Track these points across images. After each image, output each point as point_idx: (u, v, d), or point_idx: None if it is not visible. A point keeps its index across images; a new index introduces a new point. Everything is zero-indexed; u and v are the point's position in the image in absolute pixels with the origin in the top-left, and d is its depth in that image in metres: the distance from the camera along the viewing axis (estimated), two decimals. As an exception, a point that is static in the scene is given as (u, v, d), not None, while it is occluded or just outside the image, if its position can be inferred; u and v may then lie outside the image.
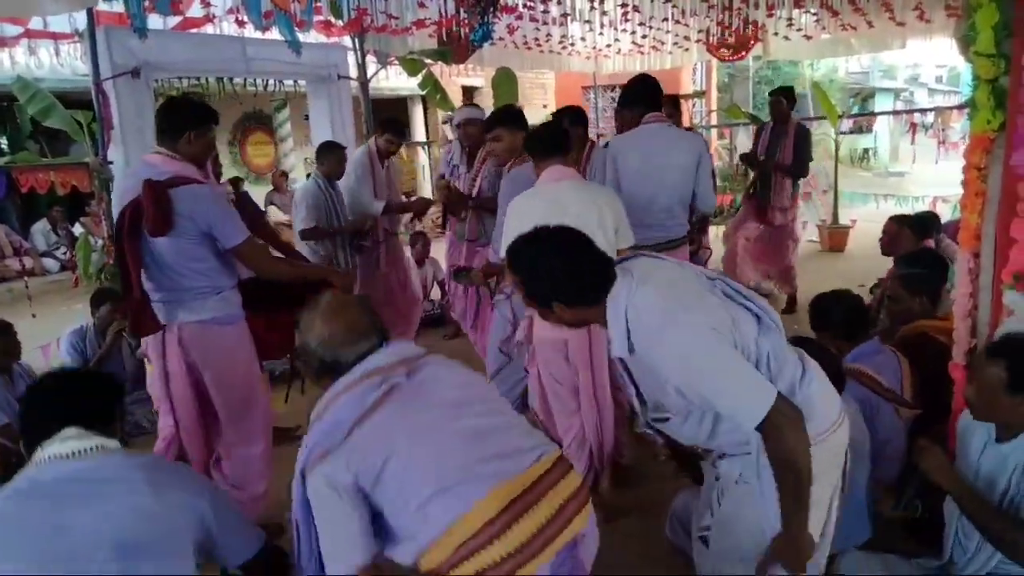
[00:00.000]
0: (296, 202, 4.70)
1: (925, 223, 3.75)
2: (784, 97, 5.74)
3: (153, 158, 2.61)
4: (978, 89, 2.28)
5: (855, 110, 19.12)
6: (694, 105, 12.30)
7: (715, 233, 6.77)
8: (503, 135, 3.38)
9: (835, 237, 8.50)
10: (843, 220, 8.78)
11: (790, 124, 5.72)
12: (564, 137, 2.88)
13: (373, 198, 4.85)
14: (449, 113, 5.10)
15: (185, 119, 2.64)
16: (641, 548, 2.68)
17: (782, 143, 5.67)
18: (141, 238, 2.52)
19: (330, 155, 4.69)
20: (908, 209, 7.79)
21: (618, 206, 2.76)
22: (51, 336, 4.65)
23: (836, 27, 7.86)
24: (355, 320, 1.60)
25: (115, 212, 2.75)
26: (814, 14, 7.11)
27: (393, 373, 1.50)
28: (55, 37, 5.36)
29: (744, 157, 6.23)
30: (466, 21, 4.49)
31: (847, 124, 10.22)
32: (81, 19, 4.41)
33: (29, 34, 5.20)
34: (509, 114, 3.51)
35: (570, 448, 2.90)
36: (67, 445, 1.51)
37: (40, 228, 8.86)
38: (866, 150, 16.86)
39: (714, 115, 13.87)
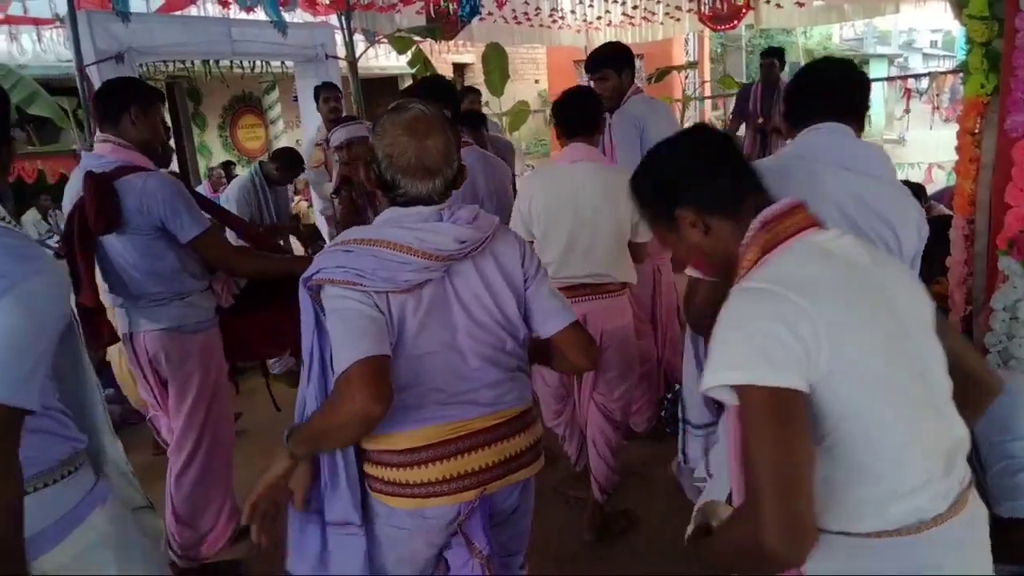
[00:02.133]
0: (227, 195, 4.53)
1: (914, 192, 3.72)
2: (777, 59, 5.69)
3: (100, 147, 2.34)
4: (971, 53, 2.25)
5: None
6: (687, 76, 12.17)
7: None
8: (610, 76, 3.17)
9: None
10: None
11: (780, 85, 5.65)
12: (595, 115, 2.63)
13: (322, 178, 4.64)
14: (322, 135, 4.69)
15: (125, 97, 2.34)
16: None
17: (775, 106, 5.59)
18: (92, 240, 2.29)
19: (283, 163, 4.50)
20: (902, 176, 7.74)
21: None
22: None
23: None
24: (431, 151, 1.39)
25: (65, 213, 2.43)
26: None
27: (434, 265, 1.37)
28: (36, 23, 5.27)
29: (741, 112, 5.99)
30: (453, -4, 4.44)
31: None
32: (62, 3, 4.34)
33: (9, 20, 5.11)
34: (617, 53, 3.27)
35: (559, 428, 2.85)
36: None
37: (31, 218, 8.79)
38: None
39: (707, 86, 13.75)
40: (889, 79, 12.23)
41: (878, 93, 16.60)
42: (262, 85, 10.90)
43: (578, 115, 2.59)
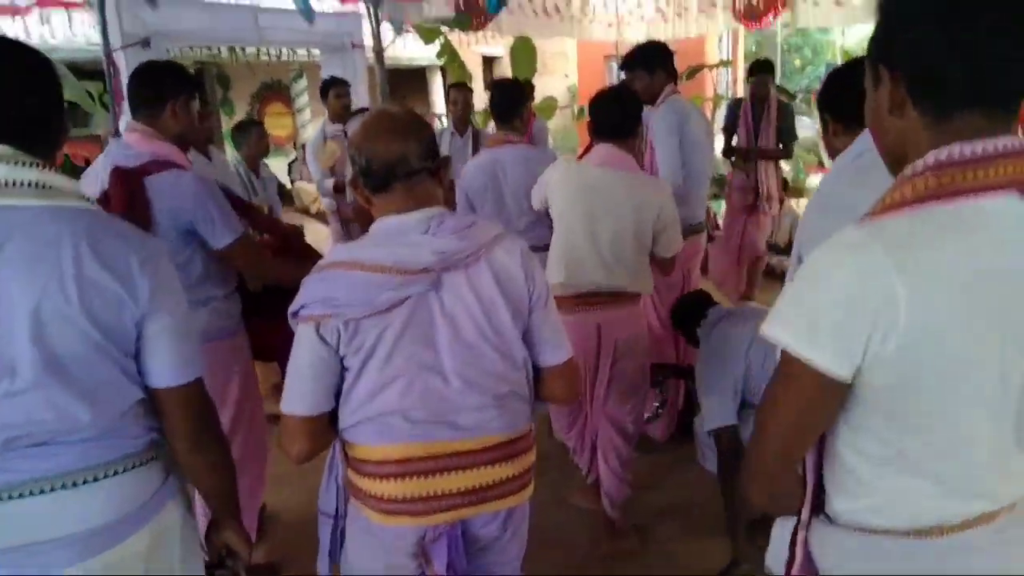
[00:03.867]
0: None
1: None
2: (770, 75, 5.38)
3: (130, 137, 2.14)
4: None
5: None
6: (719, 75, 11.98)
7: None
8: (642, 76, 3.15)
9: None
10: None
11: (770, 102, 5.20)
12: (632, 119, 2.51)
13: (324, 175, 4.58)
14: (338, 127, 4.67)
15: (169, 87, 2.14)
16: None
17: (765, 123, 5.17)
18: None
19: (248, 135, 4.10)
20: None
21: (668, 207, 2.45)
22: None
23: (868, -9, 7.58)
24: (397, 119, 1.39)
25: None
26: (845, -22, 6.83)
27: (414, 279, 1.32)
28: (67, 6, 5.30)
29: (730, 152, 5.43)
30: (481, -13, 4.36)
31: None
32: (90, -13, 4.36)
33: (41, 3, 5.14)
34: (650, 52, 3.24)
35: (571, 441, 2.75)
36: None
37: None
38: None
39: (739, 85, 13.54)
40: None
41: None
42: (290, 73, 10.93)
43: (613, 117, 2.50)
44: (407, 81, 12.81)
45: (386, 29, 6.41)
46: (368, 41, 6.08)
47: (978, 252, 0.83)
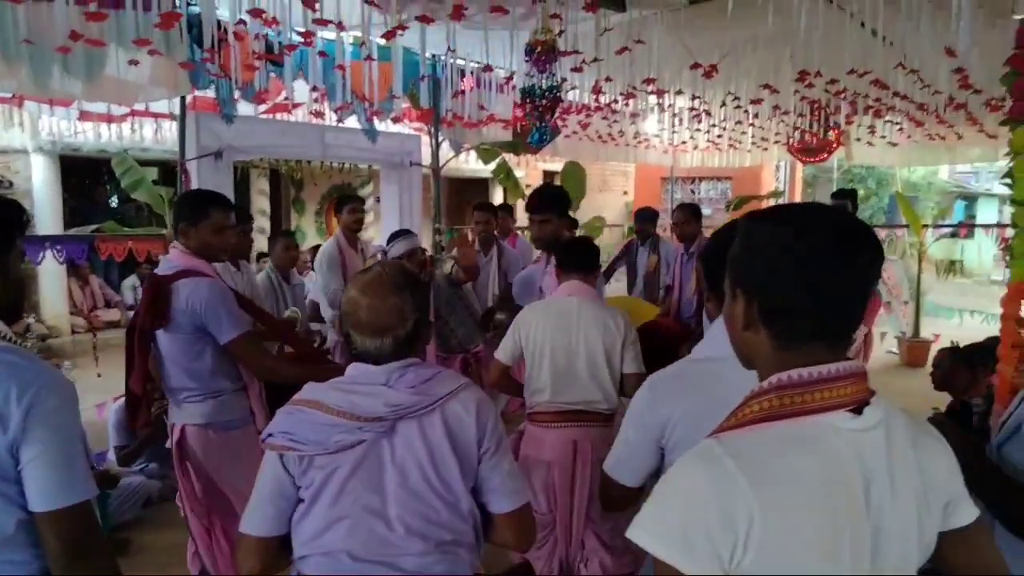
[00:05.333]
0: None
1: (982, 356, 3.47)
2: (850, 200, 5.43)
3: (171, 251, 2.62)
4: (1017, 237, 2.15)
5: (957, 215, 18.26)
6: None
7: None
8: (553, 220, 3.29)
9: (915, 351, 8.04)
10: (925, 334, 8.31)
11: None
12: (594, 259, 2.89)
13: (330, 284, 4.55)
14: (379, 246, 4.93)
15: (178, 215, 2.63)
16: None
17: None
18: (150, 333, 2.51)
19: (274, 243, 4.41)
20: (995, 326, 7.27)
21: (631, 333, 2.72)
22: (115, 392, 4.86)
23: (922, 135, 7.64)
24: (380, 311, 1.46)
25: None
26: (897, 123, 6.93)
27: (366, 426, 1.40)
28: (156, 116, 5.84)
29: None
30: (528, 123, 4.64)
31: (935, 231, 9.75)
32: (176, 103, 4.80)
33: (134, 113, 5.69)
34: (557, 196, 3.43)
35: (538, 561, 2.71)
36: None
37: (130, 283, 9.47)
38: (952, 262, 16.00)
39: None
40: (983, 226, 11.55)
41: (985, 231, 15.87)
42: (359, 179, 11.55)
43: (581, 253, 2.86)
44: (471, 188, 13.38)
45: (445, 147, 6.81)
46: (427, 159, 6.46)
47: (818, 465, 0.91)
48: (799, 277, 0.94)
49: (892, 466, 0.95)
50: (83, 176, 10.14)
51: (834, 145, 8.19)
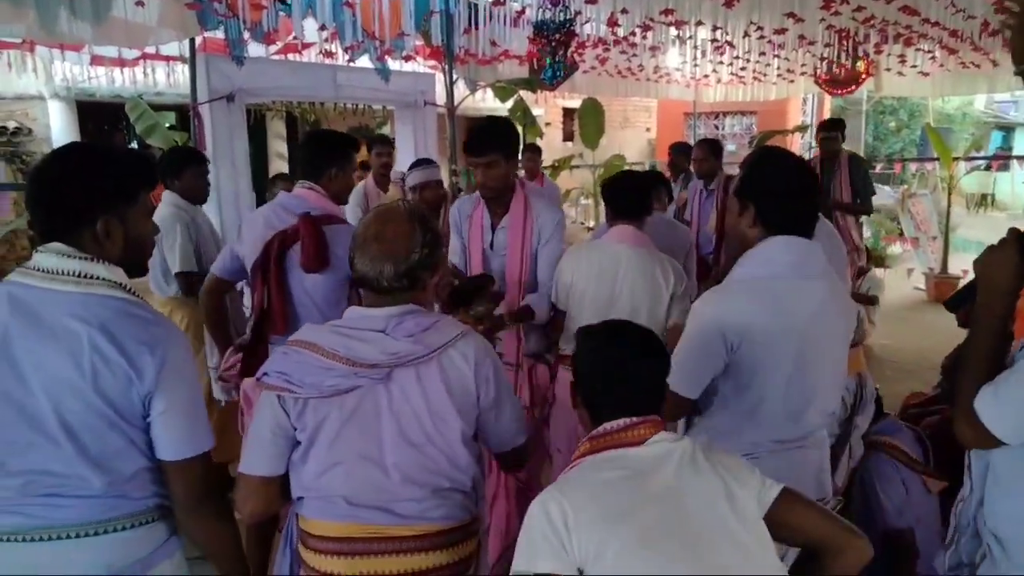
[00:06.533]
0: (164, 234, 3.25)
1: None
2: (840, 133, 5.40)
3: (304, 193, 2.50)
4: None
5: (993, 146, 17.62)
6: (802, 138, 11.77)
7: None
8: (501, 162, 2.57)
9: (942, 287, 7.91)
10: (954, 269, 8.16)
11: (841, 159, 5.34)
12: (643, 200, 2.67)
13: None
14: (400, 172, 4.76)
15: (328, 157, 2.55)
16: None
17: (836, 180, 5.30)
18: (285, 273, 2.42)
19: (185, 169, 3.39)
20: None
21: (681, 285, 2.57)
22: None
23: (956, 63, 7.34)
24: (387, 234, 1.44)
25: (223, 241, 2.80)
26: (928, 51, 6.65)
27: (361, 372, 1.39)
28: (168, 59, 5.78)
29: None
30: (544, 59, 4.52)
31: (968, 163, 9.47)
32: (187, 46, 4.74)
33: (145, 56, 5.63)
34: (501, 132, 2.62)
35: None
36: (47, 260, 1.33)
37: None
38: (984, 196, 15.53)
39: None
40: (1017, 157, 11.16)
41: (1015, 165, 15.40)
42: (376, 119, 11.42)
43: (626, 199, 2.66)
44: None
45: (460, 85, 6.69)
46: (441, 98, 6.36)
47: (627, 480, 1.26)
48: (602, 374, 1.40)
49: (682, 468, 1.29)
50: (101, 122, 10.15)
51: (863, 76, 7.90)
